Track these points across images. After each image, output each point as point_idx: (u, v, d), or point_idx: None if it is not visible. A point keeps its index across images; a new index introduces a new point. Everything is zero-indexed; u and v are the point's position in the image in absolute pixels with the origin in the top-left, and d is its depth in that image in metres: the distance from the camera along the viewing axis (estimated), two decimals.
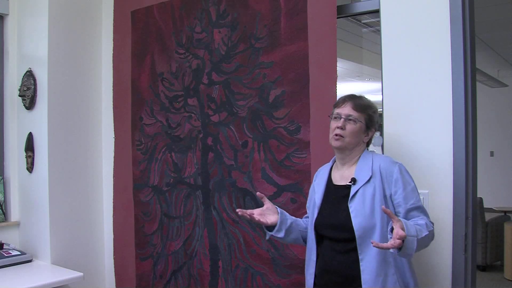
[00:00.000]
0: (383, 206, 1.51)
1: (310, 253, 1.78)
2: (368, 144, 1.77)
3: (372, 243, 1.46)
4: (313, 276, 1.77)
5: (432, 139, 1.85)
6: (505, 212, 5.97)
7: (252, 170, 2.31)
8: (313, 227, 1.76)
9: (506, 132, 8.74)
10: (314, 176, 1.89)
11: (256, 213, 1.72)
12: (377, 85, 2.23)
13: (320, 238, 1.74)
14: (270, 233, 1.76)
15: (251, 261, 2.32)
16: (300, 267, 2.14)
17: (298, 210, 2.15)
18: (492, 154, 8.97)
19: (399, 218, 1.46)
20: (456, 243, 1.79)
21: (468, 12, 1.82)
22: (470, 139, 1.80)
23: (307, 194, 2.12)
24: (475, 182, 1.83)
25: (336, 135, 1.69)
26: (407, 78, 1.91)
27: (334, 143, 1.71)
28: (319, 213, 1.75)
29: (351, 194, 1.65)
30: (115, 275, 2.94)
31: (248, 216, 1.69)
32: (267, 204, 1.76)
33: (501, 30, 5.46)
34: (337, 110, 1.72)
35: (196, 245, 2.54)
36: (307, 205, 1.90)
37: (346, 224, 1.63)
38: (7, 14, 2.87)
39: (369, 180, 1.64)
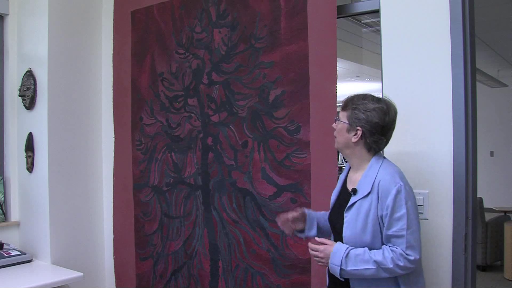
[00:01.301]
0: (316, 238, 1.67)
1: None
2: (372, 148, 1.63)
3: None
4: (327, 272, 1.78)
5: (432, 139, 1.85)
6: (505, 212, 5.97)
7: (252, 170, 2.31)
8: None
9: (506, 132, 8.74)
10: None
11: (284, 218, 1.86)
12: (377, 85, 2.22)
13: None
14: (304, 234, 1.86)
15: (251, 261, 2.32)
16: (300, 267, 2.15)
17: None
18: (492, 154, 8.97)
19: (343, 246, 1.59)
20: (456, 243, 1.79)
21: (468, 12, 1.82)
22: (470, 139, 1.80)
23: (307, 194, 2.13)
24: (475, 182, 1.83)
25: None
26: (407, 78, 1.91)
27: None
28: (331, 211, 1.78)
29: (348, 204, 1.64)
30: (115, 275, 2.94)
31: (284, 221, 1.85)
32: (293, 214, 1.85)
33: (501, 30, 5.45)
34: None
35: (196, 245, 2.54)
36: None
37: (341, 231, 1.64)
38: (7, 14, 2.87)
39: (367, 195, 1.59)
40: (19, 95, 2.76)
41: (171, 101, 2.65)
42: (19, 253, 2.61)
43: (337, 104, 2.09)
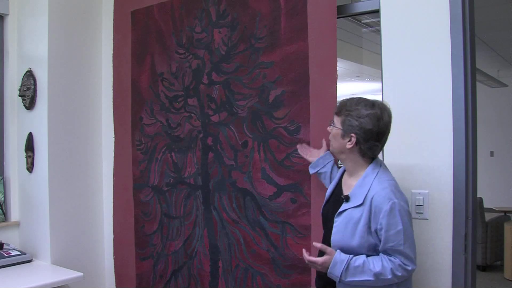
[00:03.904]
0: (314, 242, 1.66)
1: None
2: (367, 154, 1.64)
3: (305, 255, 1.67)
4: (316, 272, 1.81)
5: (432, 139, 1.85)
6: (505, 212, 5.97)
7: (252, 170, 2.31)
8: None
9: (506, 132, 8.74)
10: None
11: (301, 148, 2.10)
12: (377, 85, 2.23)
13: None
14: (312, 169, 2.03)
15: (251, 261, 2.32)
16: (300, 267, 2.14)
17: (298, 210, 2.15)
18: (492, 154, 8.97)
19: (327, 256, 1.59)
20: (456, 243, 1.79)
21: (468, 12, 1.83)
22: (470, 139, 1.80)
23: (307, 194, 2.13)
24: (475, 182, 1.83)
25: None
26: (407, 78, 1.91)
27: None
28: (324, 205, 1.81)
29: (340, 209, 1.65)
30: (115, 275, 2.94)
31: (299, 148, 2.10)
32: (316, 151, 2.05)
33: (501, 30, 5.46)
34: None
35: (196, 245, 2.54)
36: None
37: (330, 234, 1.67)
38: (7, 14, 2.87)
39: (359, 205, 1.60)
40: (19, 95, 2.76)
41: (171, 101, 2.65)
42: (19, 253, 2.61)
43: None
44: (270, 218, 2.24)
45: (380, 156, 1.75)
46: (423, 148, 1.87)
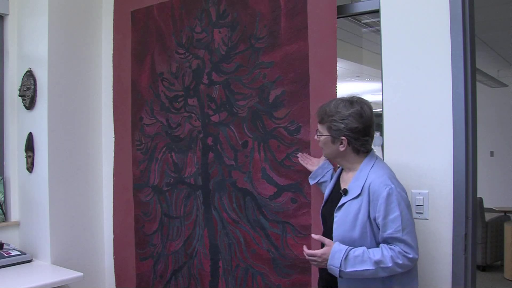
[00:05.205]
0: (313, 234, 1.69)
1: None
2: (361, 150, 1.68)
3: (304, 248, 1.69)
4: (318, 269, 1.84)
5: (432, 139, 1.85)
6: (505, 212, 5.97)
7: (252, 170, 2.31)
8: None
9: (506, 132, 8.74)
10: None
11: (302, 157, 2.09)
12: (377, 85, 2.23)
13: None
14: (312, 180, 2.03)
15: (252, 261, 2.32)
16: (300, 267, 2.15)
17: (299, 210, 2.15)
18: (492, 154, 8.97)
19: (327, 247, 1.61)
20: (456, 243, 1.79)
21: (468, 12, 1.83)
22: (470, 139, 1.80)
23: (307, 194, 2.13)
24: (475, 182, 1.83)
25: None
26: (407, 78, 1.91)
27: None
28: (323, 206, 1.82)
29: (339, 204, 1.67)
30: (115, 275, 2.94)
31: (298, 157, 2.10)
32: (316, 159, 2.03)
33: (501, 30, 5.46)
34: None
35: (196, 245, 2.54)
36: None
37: (331, 230, 1.68)
38: (7, 14, 2.87)
39: (357, 196, 1.62)
40: (19, 95, 2.76)
41: (171, 101, 2.65)
42: (19, 253, 2.61)
43: None
44: (270, 218, 2.24)
45: (380, 156, 1.75)
46: (423, 148, 1.87)
